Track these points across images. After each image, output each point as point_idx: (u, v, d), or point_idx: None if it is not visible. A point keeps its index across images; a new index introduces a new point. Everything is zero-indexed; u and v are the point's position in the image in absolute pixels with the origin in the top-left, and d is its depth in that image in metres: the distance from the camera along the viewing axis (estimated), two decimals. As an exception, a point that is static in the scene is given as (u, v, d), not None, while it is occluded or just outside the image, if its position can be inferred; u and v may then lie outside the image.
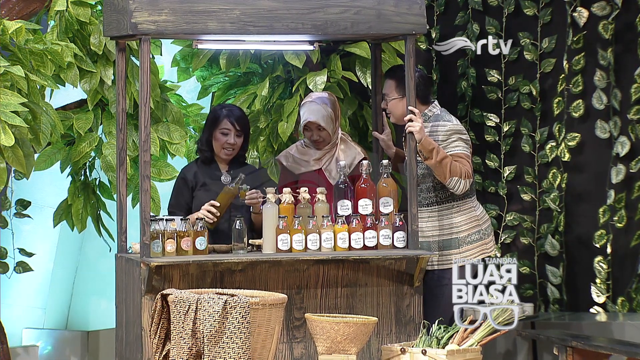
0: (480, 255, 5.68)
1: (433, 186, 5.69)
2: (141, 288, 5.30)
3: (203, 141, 5.87)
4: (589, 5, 7.20)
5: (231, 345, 4.74)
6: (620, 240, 7.19)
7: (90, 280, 7.54)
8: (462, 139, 5.65)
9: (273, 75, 6.64)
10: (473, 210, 5.73)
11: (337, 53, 6.61)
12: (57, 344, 7.34)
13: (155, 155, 6.27)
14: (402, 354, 5.08)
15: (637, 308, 7.13)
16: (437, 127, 5.68)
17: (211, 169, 5.84)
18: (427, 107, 5.74)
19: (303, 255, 5.44)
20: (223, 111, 5.87)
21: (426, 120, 5.69)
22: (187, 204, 5.83)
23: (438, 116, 5.72)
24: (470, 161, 5.65)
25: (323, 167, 5.94)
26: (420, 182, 5.69)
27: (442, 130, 5.65)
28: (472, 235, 5.70)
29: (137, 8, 5.27)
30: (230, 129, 5.81)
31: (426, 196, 5.72)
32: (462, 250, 5.67)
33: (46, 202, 7.26)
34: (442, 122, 5.69)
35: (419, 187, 5.68)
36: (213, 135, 5.84)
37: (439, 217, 5.71)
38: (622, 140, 7.18)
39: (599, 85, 7.22)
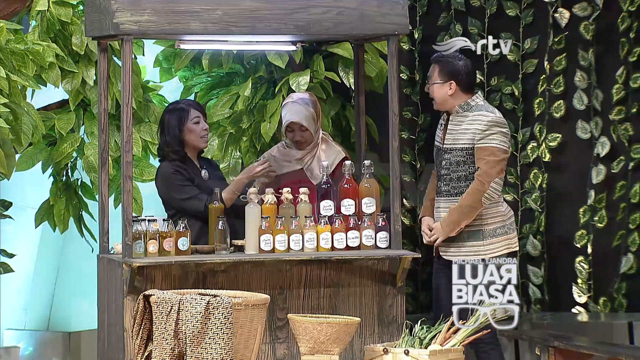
0: (506, 249, 5.68)
1: (465, 175, 5.69)
2: (123, 289, 5.29)
3: (172, 143, 5.72)
4: (570, 6, 7.22)
5: (214, 346, 4.73)
6: (601, 240, 7.22)
7: (72, 281, 7.51)
8: (502, 132, 5.65)
9: (256, 76, 6.63)
10: (499, 205, 5.73)
11: (319, 53, 6.62)
12: (39, 345, 7.31)
13: (138, 156, 6.25)
14: (384, 354, 5.08)
15: (619, 308, 7.16)
16: (478, 116, 5.67)
17: (190, 167, 5.81)
18: (470, 97, 5.73)
19: (286, 255, 5.44)
20: (182, 106, 5.80)
21: (468, 110, 5.70)
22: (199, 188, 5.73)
23: (481, 106, 5.72)
24: (504, 157, 5.64)
25: (305, 167, 5.94)
26: (453, 170, 5.70)
27: (484, 120, 5.64)
28: (498, 230, 5.70)
29: (119, 8, 5.25)
30: (199, 116, 5.79)
31: (456, 185, 5.71)
32: (486, 243, 5.66)
33: (28, 202, 7.23)
34: (484, 112, 5.68)
35: (450, 176, 5.70)
36: (184, 131, 5.75)
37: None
38: (603, 140, 7.21)
39: (580, 86, 7.24)
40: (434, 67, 5.75)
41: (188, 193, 5.66)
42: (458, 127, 5.70)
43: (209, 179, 5.80)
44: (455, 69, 5.69)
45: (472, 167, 5.66)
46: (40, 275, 7.50)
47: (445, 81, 5.69)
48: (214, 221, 5.49)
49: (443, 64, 5.73)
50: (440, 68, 5.72)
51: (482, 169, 5.62)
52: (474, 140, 5.64)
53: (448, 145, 5.71)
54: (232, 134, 6.59)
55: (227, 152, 6.60)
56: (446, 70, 5.70)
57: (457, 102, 5.70)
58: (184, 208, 5.66)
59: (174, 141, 5.73)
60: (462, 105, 5.70)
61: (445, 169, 5.72)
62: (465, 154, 5.66)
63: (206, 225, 5.62)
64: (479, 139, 5.63)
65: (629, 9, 7.14)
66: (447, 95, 5.69)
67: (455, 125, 5.71)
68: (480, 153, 5.64)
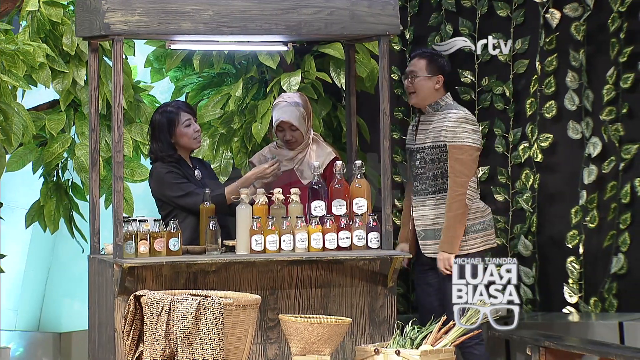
0: (484, 245, 5.73)
1: (441, 173, 5.72)
2: (114, 289, 5.28)
3: (165, 147, 5.71)
4: (561, 6, 7.23)
5: (205, 347, 4.73)
6: (592, 241, 7.22)
7: (62, 281, 7.50)
8: (472, 129, 5.68)
9: (247, 76, 6.63)
10: (478, 202, 5.76)
11: (311, 54, 6.61)
12: (29, 345, 7.29)
13: (128, 156, 6.24)
14: (375, 355, 5.08)
15: (609, 308, 7.17)
16: (448, 113, 5.71)
17: (183, 167, 5.80)
18: (443, 95, 5.76)
19: (277, 256, 5.44)
20: (172, 109, 5.77)
21: (438, 109, 5.75)
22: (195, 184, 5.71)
23: (450, 105, 5.76)
24: (477, 155, 5.67)
25: (295, 167, 5.94)
26: (428, 169, 5.72)
27: (454, 117, 5.68)
28: (477, 225, 5.72)
29: (109, 8, 5.24)
30: (190, 118, 5.78)
31: (433, 183, 5.74)
32: (467, 239, 5.69)
33: (18, 203, 7.22)
34: (454, 109, 5.73)
35: (426, 174, 5.73)
36: (175, 134, 5.75)
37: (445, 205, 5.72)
38: (594, 141, 7.22)
39: (571, 86, 7.25)
40: (420, 61, 5.77)
41: (184, 190, 5.65)
42: (429, 126, 5.75)
43: (202, 179, 5.80)
44: (442, 64, 5.76)
45: (447, 164, 5.68)
46: (31, 276, 7.49)
47: (433, 75, 5.71)
48: (205, 222, 5.48)
49: (431, 58, 5.77)
50: (429, 62, 5.75)
51: (458, 169, 5.64)
52: (446, 138, 5.67)
53: (420, 145, 5.76)
54: (223, 134, 6.59)
55: (218, 152, 6.60)
56: (435, 64, 5.75)
57: (436, 97, 5.72)
58: (181, 205, 5.65)
59: (166, 146, 5.73)
60: (432, 105, 5.74)
61: (420, 169, 5.77)
62: (438, 151, 5.70)
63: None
64: (451, 137, 5.67)
65: (620, 9, 7.15)
66: (432, 90, 5.72)
67: (426, 125, 5.76)
68: (453, 152, 5.67)
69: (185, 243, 5.55)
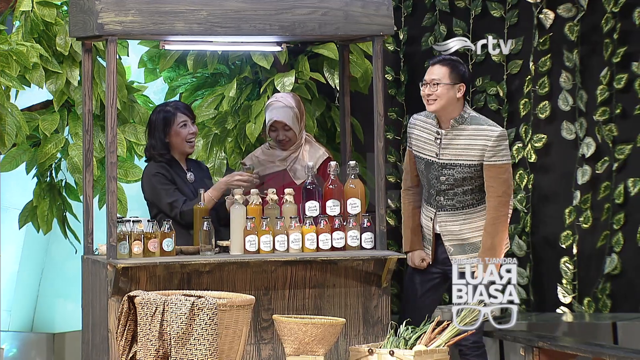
0: (506, 247, 5.72)
1: (471, 189, 5.63)
2: (108, 290, 5.28)
3: (158, 146, 5.72)
4: (554, 7, 7.24)
5: (198, 347, 4.72)
6: (586, 241, 7.23)
7: (56, 282, 7.49)
8: (507, 145, 5.61)
9: (241, 76, 6.63)
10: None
11: (304, 54, 6.61)
12: (23, 346, 7.28)
13: (122, 157, 6.24)
14: (369, 355, 5.08)
15: (603, 308, 7.18)
16: (483, 131, 5.58)
17: (175, 169, 5.79)
18: (463, 104, 5.63)
19: (271, 256, 5.44)
20: (170, 108, 5.78)
21: (463, 122, 5.61)
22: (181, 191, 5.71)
23: (477, 119, 5.63)
24: (511, 169, 5.63)
25: (288, 167, 5.94)
26: (458, 186, 5.62)
27: (492, 136, 5.56)
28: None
29: (103, 8, 5.24)
30: (187, 119, 5.77)
31: (462, 199, 5.64)
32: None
33: (11, 203, 7.21)
34: (487, 126, 5.59)
35: (454, 191, 5.62)
36: (170, 134, 5.75)
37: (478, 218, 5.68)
38: (588, 141, 7.23)
39: (565, 87, 7.26)
40: (442, 68, 5.59)
41: (168, 197, 5.64)
42: (458, 141, 5.60)
43: (195, 182, 5.79)
44: (464, 72, 5.62)
45: (479, 181, 5.60)
46: (24, 277, 7.48)
47: (456, 83, 5.58)
48: (199, 222, 5.48)
49: (454, 65, 5.60)
50: (452, 69, 5.58)
51: (502, 190, 5.55)
52: (483, 157, 5.57)
53: (448, 161, 5.61)
54: (216, 134, 6.58)
55: (212, 152, 6.60)
56: (457, 72, 5.58)
57: (457, 108, 5.60)
58: (162, 210, 5.66)
59: (159, 144, 5.72)
60: (457, 118, 5.59)
61: (446, 185, 5.63)
62: (472, 170, 5.59)
63: (184, 229, 5.61)
64: (490, 156, 5.56)
65: (613, 10, 7.16)
66: (454, 99, 5.57)
67: (453, 139, 5.61)
68: (495, 172, 5.57)
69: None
